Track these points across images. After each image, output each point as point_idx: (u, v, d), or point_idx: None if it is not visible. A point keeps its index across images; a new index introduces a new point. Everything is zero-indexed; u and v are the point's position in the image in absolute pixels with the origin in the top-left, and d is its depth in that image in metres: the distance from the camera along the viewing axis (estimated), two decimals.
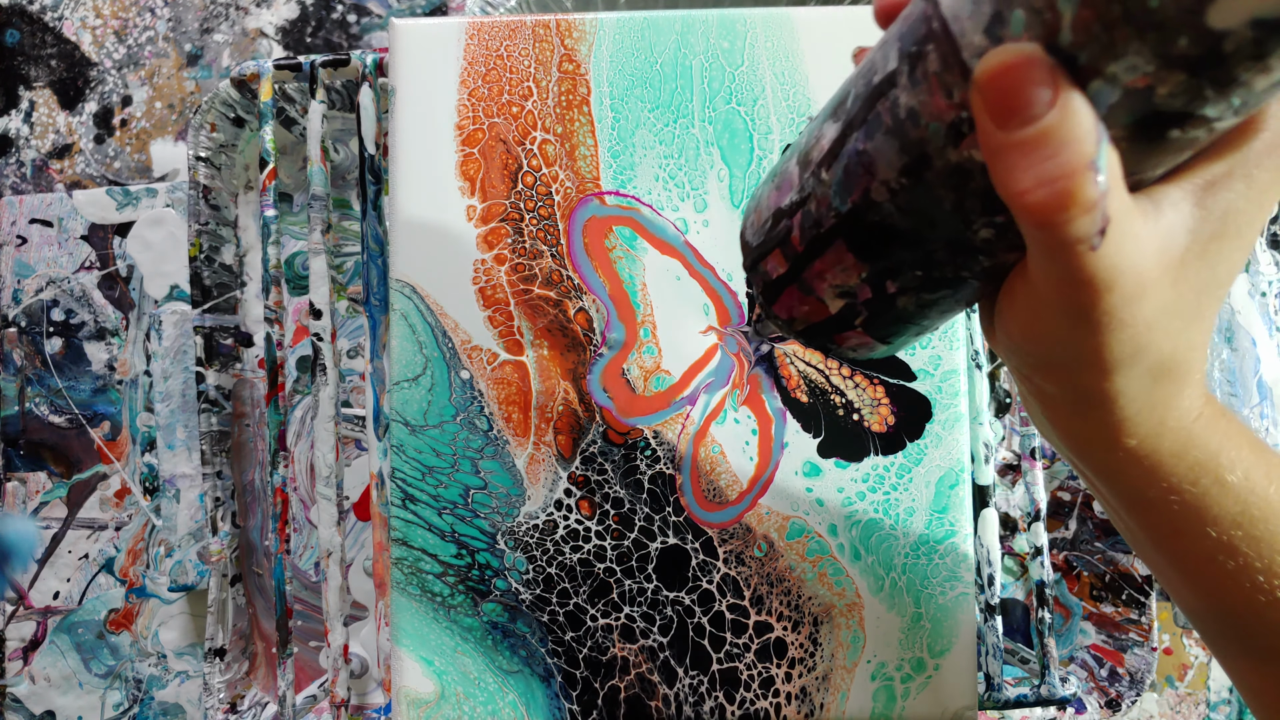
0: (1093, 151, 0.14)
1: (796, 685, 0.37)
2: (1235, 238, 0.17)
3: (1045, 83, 0.14)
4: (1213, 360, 0.45)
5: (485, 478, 0.37)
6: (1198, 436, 0.19)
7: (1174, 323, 0.17)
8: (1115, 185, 0.15)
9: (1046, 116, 0.14)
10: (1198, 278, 0.17)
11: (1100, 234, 0.15)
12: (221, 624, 0.43)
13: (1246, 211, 0.17)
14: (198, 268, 0.44)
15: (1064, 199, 0.14)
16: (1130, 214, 0.15)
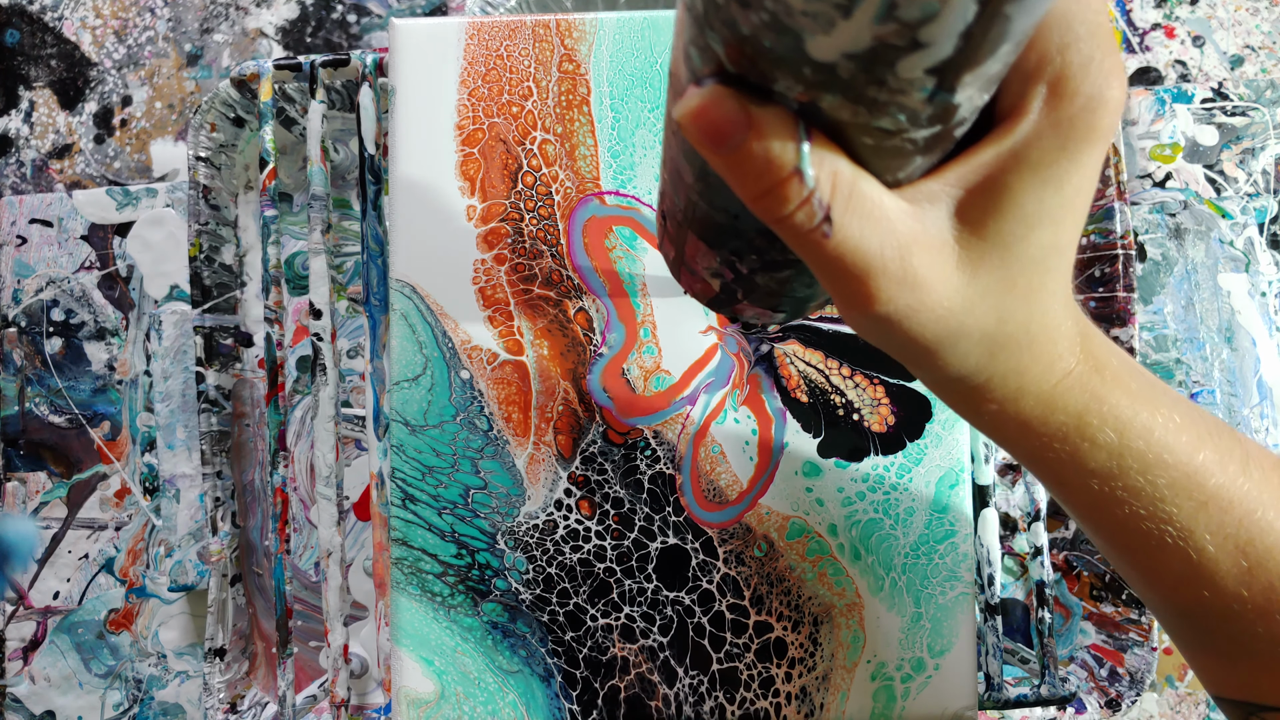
0: (793, 159, 0.16)
1: (796, 685, 0.37)
2: (1026, 218, 0.18)
3: (732, 112, 0.16)
4: (1213, 360, 0.45)
5: (485, 478, 0.37)
6: (1060, 399, 0.20)
7: (981, 300, 0.18)
8: (840, 180, 0.16)
9: (746, 139, 0.16)
10: (992, 257, 0.18)
11: (826, 221, 0.17)
12: (221, 624, 0.43)
13: (1033, 192, 0.18)
14: (198, 268, 0.44)
15: (779, 201, 0.16)
16: (873, 206, 0.17)
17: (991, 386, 0.20)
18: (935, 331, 0.19)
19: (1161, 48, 0.48)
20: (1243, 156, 0.46)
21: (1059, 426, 0.20)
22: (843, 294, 0.18)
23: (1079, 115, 0.17)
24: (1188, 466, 0.21)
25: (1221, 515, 0.21)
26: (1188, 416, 0.21)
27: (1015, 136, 0.17)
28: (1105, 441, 0.20)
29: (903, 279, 0.17)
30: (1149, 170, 0.46)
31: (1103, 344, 0.21)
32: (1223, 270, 0.45)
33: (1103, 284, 0.44)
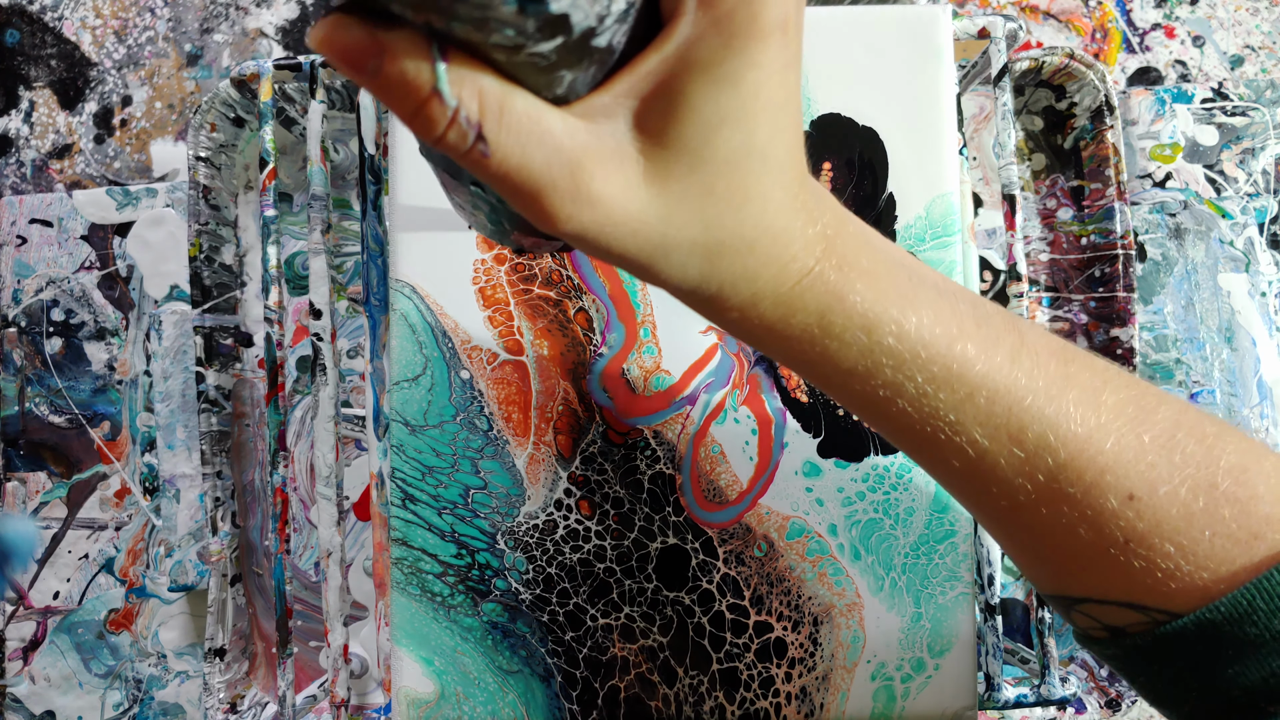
0: (428, 79, 0.16)
1: (796, 685, 0.37)
2: (706, 122, 0.17)
3: (362, 36, 0.15)
4: (1213, 360, 0.45)
5: (485, 478, 0.37)
6: (798, 300, 0.20)
7: (679, 210, 0.18)
8: (487, 98, 0.16)
9: (378, 65, 0.16)
10: (679, 164, 0.18)
11: (481, 140, 0.16)
12: (221, 624, 0.43)
13: (707, 94, 0.17)
14: (198, 268, 0.44)
15: (426, 126, 0.16)
16: (531, 122, 0.17)
17: (725, 294, 0.19)
18: (637, 244, 0.18)
19: (1161, 48, 0.48)
20: (1243, 156, 0.46)
21: (803, 328, 0.20)
22: (526, 212, 0.18)
23: (737, 9, 0.16)
24: (945, 359, 0.20)
25: (990, 406, 0.20)
26: (950, 308, 0.21)
27: (676, 39, 0.17)
28: (853, 340, 0.20)
29: (577, 195, 0.17)
30: (1149, 170, 0.46)
31: (854, 242, 0.20)
32: (1223, 270, 0.45)
33: (1103, 284, 0.44)
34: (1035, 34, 0.48)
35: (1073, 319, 0.46)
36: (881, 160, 0.37)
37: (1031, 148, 0.48)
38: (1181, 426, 0.21)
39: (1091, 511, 0.20)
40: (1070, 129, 0.46)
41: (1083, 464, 0.20)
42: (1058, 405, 0.20)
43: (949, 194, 0.37)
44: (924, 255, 0.37)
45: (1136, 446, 0.20)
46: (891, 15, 0.38)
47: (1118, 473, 0.20)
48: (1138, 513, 0.20)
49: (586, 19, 0.16)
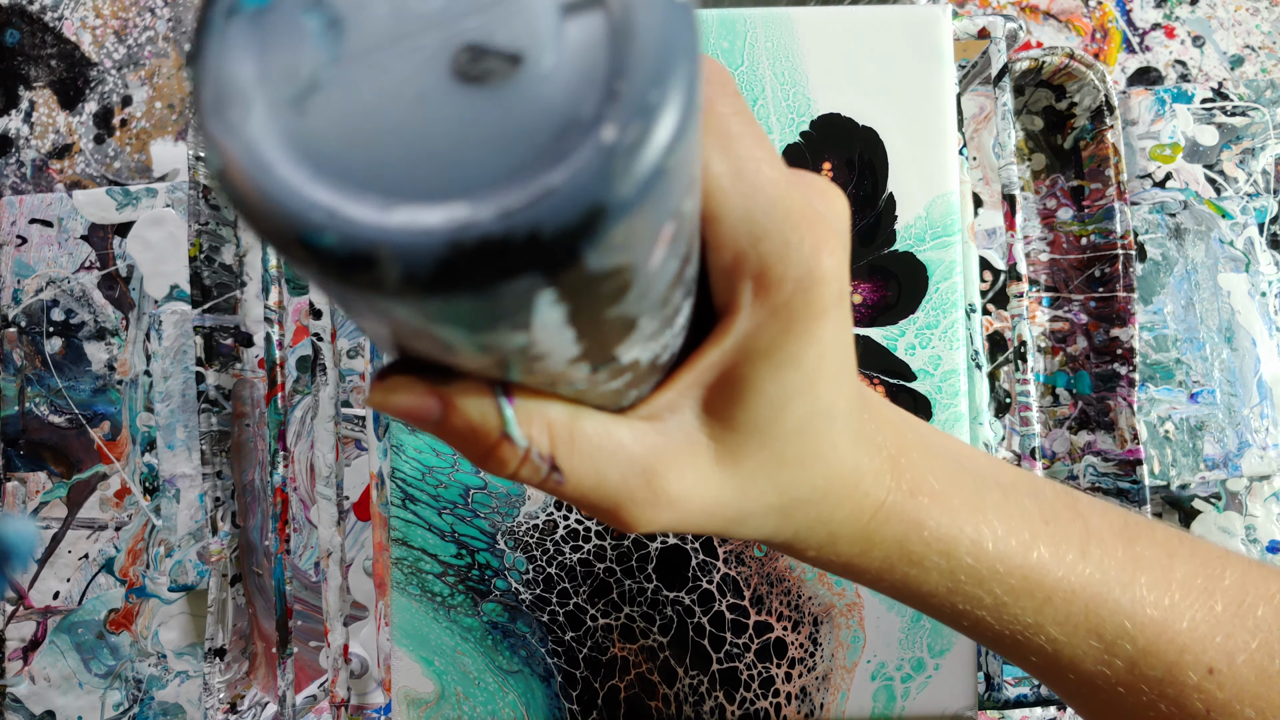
0: (496, 426, 0.16)
1: (796, 685, 0.37)
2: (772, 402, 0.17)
3: (422, 398, 0.15)
4: (1213, 360, 0.45)
5: (485, 478, 0.37)
6: (875, 535, 0.20)
7: (754, 484, 0.18)
8: (556, 429, 0.16)
9: (444, 420, 0.16)
10: (750, 443, 0.18)
11: (555, 471, 0.16)
12: (221, 624, 0.43)
13: (771, 376, 0.17)
14: (198, 268, 0.44)
15: (499, 466, 0.16)
16: (603, 440, 0.17)
17: (801, 539, 0.20)
18: (715, 524, 0.18)
19: (1161, 48, 0.48)
20: (1243, 156, 0.46)
21: (882, 560, 0.20)
22: (605, 522, 0.18)
23: (793, 299, 0.16)
24: (1023, 570, 0.20)
25: (1067, 607, 0.21)
26: (1019, 512, 0.21)
27: (735, 333, 0.17)
28: (933, 565, 0.20)
29: (654, 500, 0.17)
30: (1149, 170, 0.46)
31: (920, 459, 0.20)
32: (1223, 270, 0.45)
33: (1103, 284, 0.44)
34: (1035, 34, 0.48)
35: (1073, 319, 0.46)
36: (881, 160, 0.37)
37: (1031, 148, 0.48)
38: (1248, 589, 0.21)
39: (1172, 690, 0.21)
40: (1070, 129, 0.46)
41: (1162, 647, 0.21)
42: (1131, 593, 0.21)
43: (949, 194, 0.37)
44: (924, 255, 0.37)
45: (1210, 620, 0.21)
46: (891, 15, 0.38)
47: (1195, 650, 0.21)
48: (1218, 684, 0.20)
49: (650, 354, 0.16)
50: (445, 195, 0.11)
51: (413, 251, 0.11)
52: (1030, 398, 0.40)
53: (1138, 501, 0.42)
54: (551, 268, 0.11)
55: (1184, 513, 0.45)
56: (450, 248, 0.11)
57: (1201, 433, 0.44)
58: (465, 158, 0.11)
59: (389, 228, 0.11)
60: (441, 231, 0.11)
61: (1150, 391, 0.45)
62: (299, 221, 0.11)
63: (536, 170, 0.11)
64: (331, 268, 0.11)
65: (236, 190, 0.11)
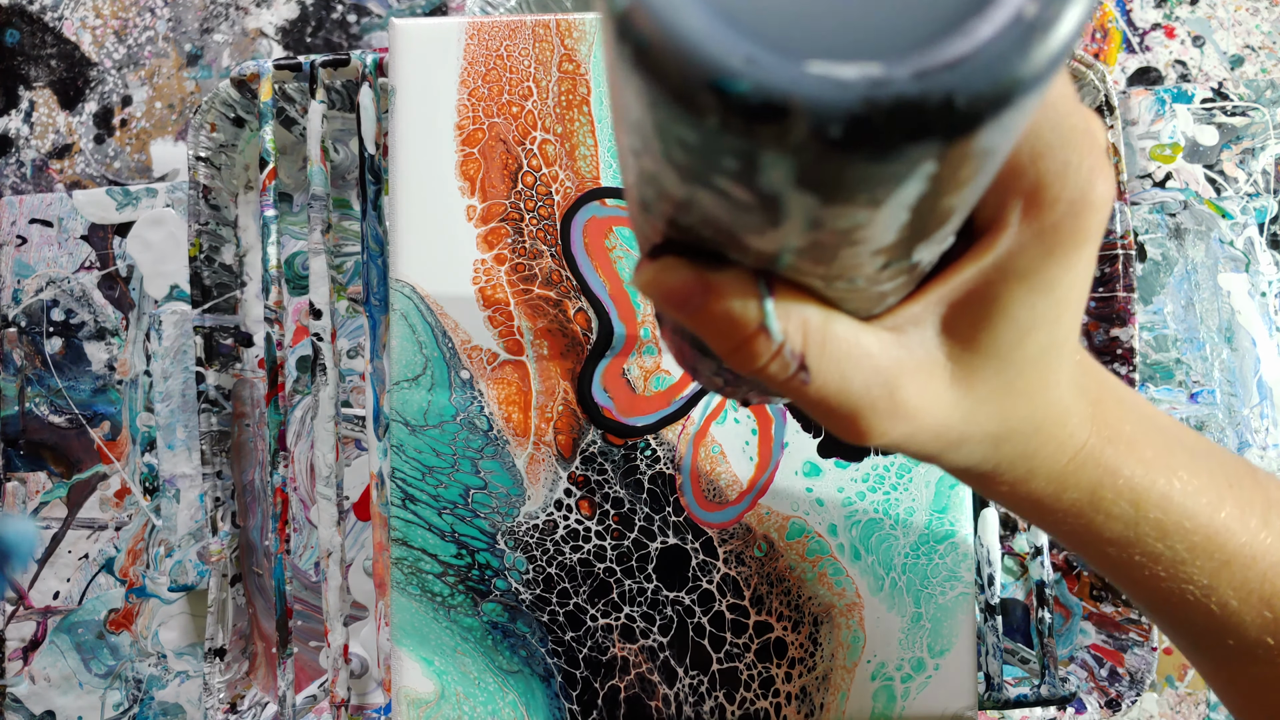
0: (755, 318, 0.16)
1: (796, 685, 0.37)
2: (1019, 326, 0.17)
3: (687, 280, 0.15)
4: (1213, 360, 0.45)
5: (485, 478, 0.37)
6: (1071, 477, 0.20)
7: (981, 409, 0.18)
8: (810, 328, 0.16)
9: (704, 305, 0.16)
10: (988, 368, 0.18)
11: (803, 369, 0.16)
12: (221, 624, 0.43)
13: (1023, 300, 0.17)
14: (198, 268, 0.44)
15: (749, 359, 0.16)
16: (851, 346, 0.17)
17: (1000, 472, 0.20)
18: (936, 445, 0.18)
19: (1161, 48, 0.48)
20: (1243, 156, 0.46)
21: (1072, 503, 0.20)
22: (837, 430, 0.18)
23: (1062, 221, 0.16)
24: (1208, 529, 0.20)
25: (1245, 572, 0.21)
26: (1207, 472, 0.21)
27: (997, 251, 0.17)
28: (1120, 513, 0.20)
29: (893, 412, 0.17)
30: (1149, 170, 0.46)
31: (1116, 408, 0.20)
32: (1223, 270, 0.45)
33: (1103, 284, 0.44)
34: None
35: None
36: None
37: None
38: None
39: None
40: None
41: None
42: None
43: None
44: None
45: None
46: None
47: None
48: None
49: (933, 255, 0.16)
50: (860, 53, 0.11)
51: (826, 105, 0.11)
52: None
53: None
54: (954, 136, 0.11)
55: None
56: (865, 103, 0.11)
57: (1201, 433, 0.44)
58: (879, 17, 0.11)
59: (805, 78, 0.11)
60: (857, 86, 0.11)
61: (1150, 391, 0.45)
62: (715, 65, 0.11)
63: (953, 35, 0.11)
64: (738, 115, 0.11)
65: (642, 31, 0.11)
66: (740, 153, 0.11)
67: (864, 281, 0.16)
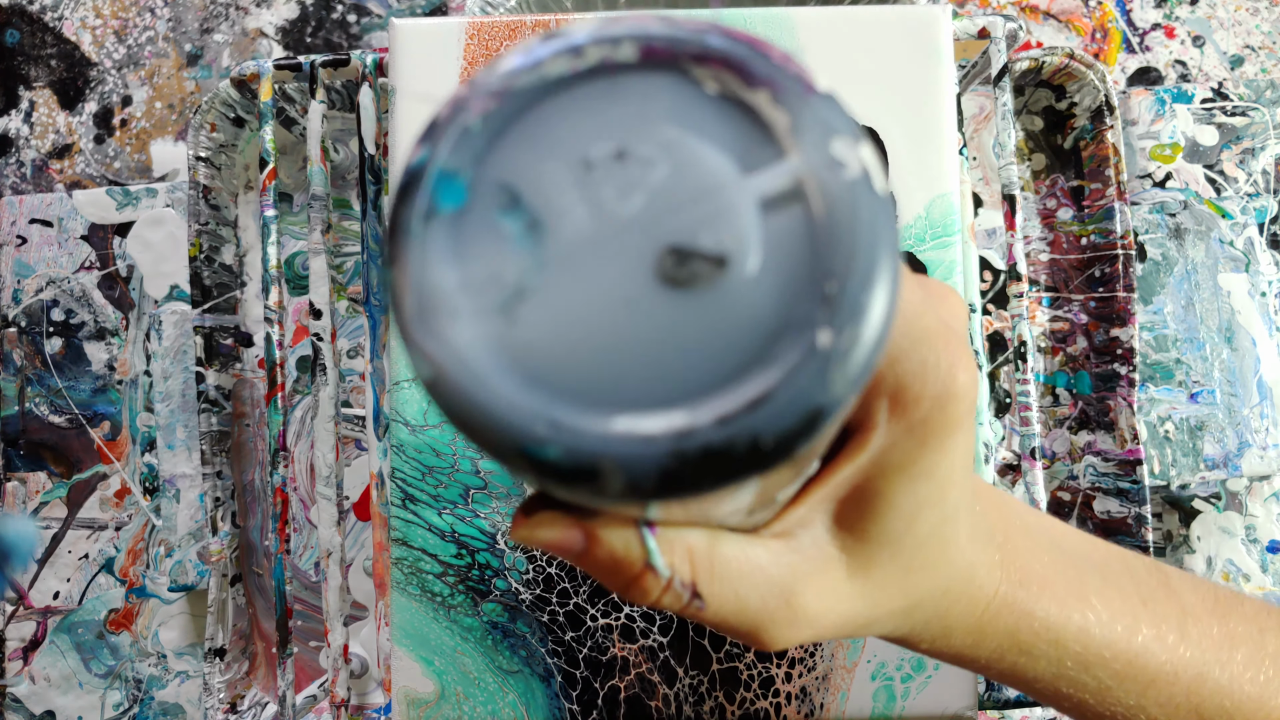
0: (639, 557, 0.16)
1: (796, 685, 0.37)
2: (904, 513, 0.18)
3: (566, 533, 0.16)
4: (1213, 360, 0.45)
5: (485, 478, 0.37)
6: (988, 626, 0.20)
7: (884, 591, 0.18)
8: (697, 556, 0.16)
9: (587, 552, 0.16)
10: (882, 554, 0.18)
11: (696, 597, 0.16)
12: (221, 624, 0.43)
13: (904, 489, 0.17)
14: (198, 268, 0.44)
15: (641, 595, 0.17)
16: (741, 563, 0.17)
17: (915, 635, 0.20)
18: (845, 632, 0.19)
19: (1161, 48, 0.48)
20: (1243, 156, 0.46)
21: (993, 650, 0.20)
22: (742, 641, 0.18)
23: (930, 415, 0.17)
24: (1128, 654, 0.21)
25: (1169, 689, 0.21)
26: (1119, 594, 0.21)
27: (870, 449, 0.17)
28: (1041, 652, 0.20)
29: (793, 620, 0.17)
30: (1149, 170, 0.46)
31: (1024, 542, 0.20)
32: (1223, 270, 0.45)
33: (1103, 284, 0.44)
34: (1035, 34, 0.48)
35: (1073, 319, 0.46)
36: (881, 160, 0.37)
37: (1031, 148, 0.48)
38: None
39: None
40: (1070, 129, 0.46)
41: None
42: (1229, 671, 0.21)
43: (949, 194, 0.37)
44: (924, 255, 0.37)
45: None
46: (891, 15, 0.38)
47: None
48: None
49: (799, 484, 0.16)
50: (662, 403, 0.11)
51: (636, 462, 0.11)
52: (1030, 398, 0.40)
53: (1138, 501, 0.42)
54: (766, 469, 0.11)
55: (1184, 513, 0.45)
56: (673, 458, 0.11)
57: (1201, 433, 0.44)
58: (677, 363, 0.11)
59: (611, 438, 0.11)
60: (663, 440, 0.11)
61: (1150, 391, 0.45)
62: (520, 434, 0.11)
63: (750, 375, 0.11)
64: (552, 478, 0.11)
65: (449, 401, 0.11)
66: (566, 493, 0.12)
67: (734, 521, 0.16)
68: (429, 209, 0.11)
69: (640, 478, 0.11)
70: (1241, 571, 0.45)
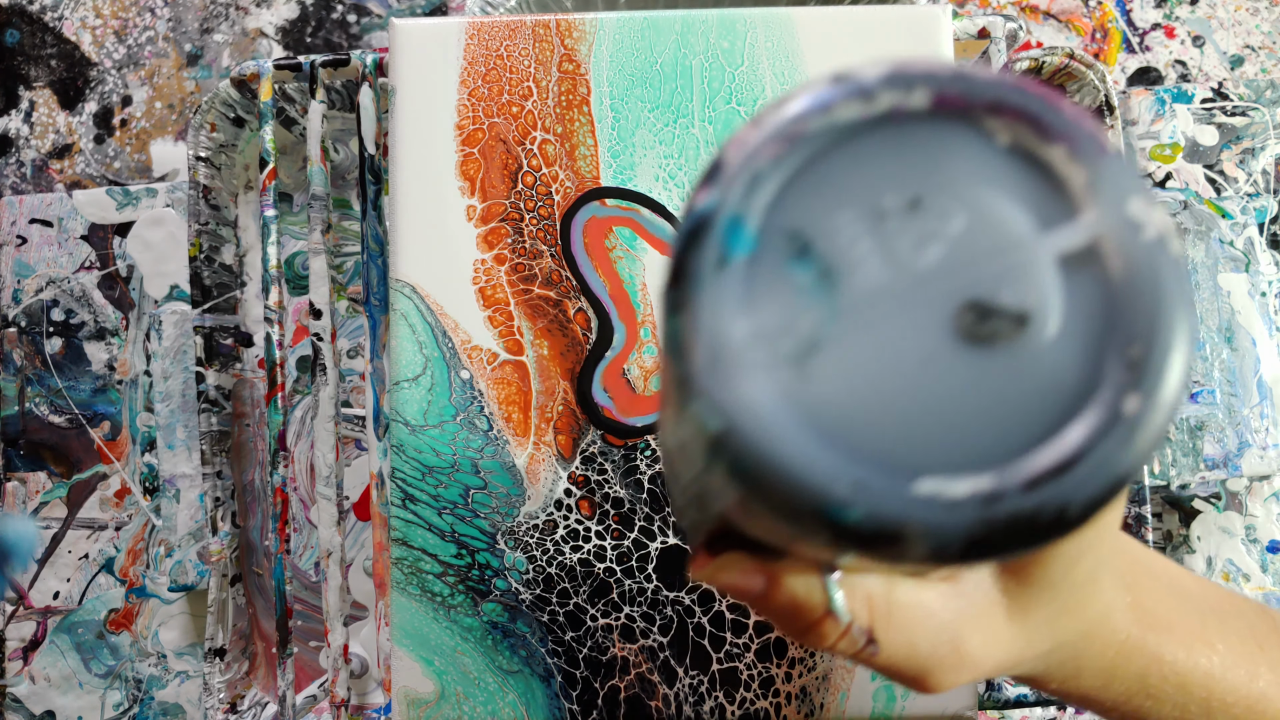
0: (821, 603, 0.16)
1: (796, 685, 0.37)
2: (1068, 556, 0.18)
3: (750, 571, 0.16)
4: (1213, 360, 0.45)
5: (485, 478, 0.37)
6: (1119, 669, 0.20)
7: (1036, 634, 0.19)
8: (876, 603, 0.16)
9: (768, 597, 0.16)
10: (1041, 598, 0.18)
11: (871, 643, 0.16)
12: (221, 624, 0.43)
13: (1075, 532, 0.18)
14: (198, 268, 0.44)
15: (817, 641, 0.17)
16: (914, 610, 0.17)
17: (1049, 675, 0.20)
18: (996, 673, 0.19)
19: (1161, 48, 0.48)
20: (1243, 156, 0.46)
21: (1121, 692, 0.21)
22: (904, 685, 0.18)
23: None
24: (1248, 700, 0.21)
25: None
26: (1238, 637, 0.21)
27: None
28: (1168, 696, 0.20)
29: (959, 665, 0.18)
30: (1149, 170, 0.46)
31: (1151, 586, 0.21)
32: (1223, 270, 0.45)
33: None
34: (1035, 34, 0.48)
35: None
36: None
37: None
38: None
39: None
40: None
41: None
42: None
43: None
44: None
45: None
46: (891, 15, 0.38)
47: None
48: None
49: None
50: (967, 466, 0.11)
51: (942, 528, 0.10)
52: None
53: (1138, 501, 0.42)
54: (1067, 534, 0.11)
55: (1184, 513, 0.45)
56: (981, 524, 0.10)
57: (1201, 433, 0.44)
58: (978, 425, 0.11)
59: (916, 502, 0.10)
60: (969, 505, 0.10)
61: None
62: (821, 495, 0.10)
63: (1054, 439, 0.10)
64: (849, 541, 0.11)
65: (742, 455, 0.11)
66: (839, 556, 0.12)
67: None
68: (720, 256, 0.11)
69: (946, 543, 0.10)
70: (1241, 571, 0.45)
